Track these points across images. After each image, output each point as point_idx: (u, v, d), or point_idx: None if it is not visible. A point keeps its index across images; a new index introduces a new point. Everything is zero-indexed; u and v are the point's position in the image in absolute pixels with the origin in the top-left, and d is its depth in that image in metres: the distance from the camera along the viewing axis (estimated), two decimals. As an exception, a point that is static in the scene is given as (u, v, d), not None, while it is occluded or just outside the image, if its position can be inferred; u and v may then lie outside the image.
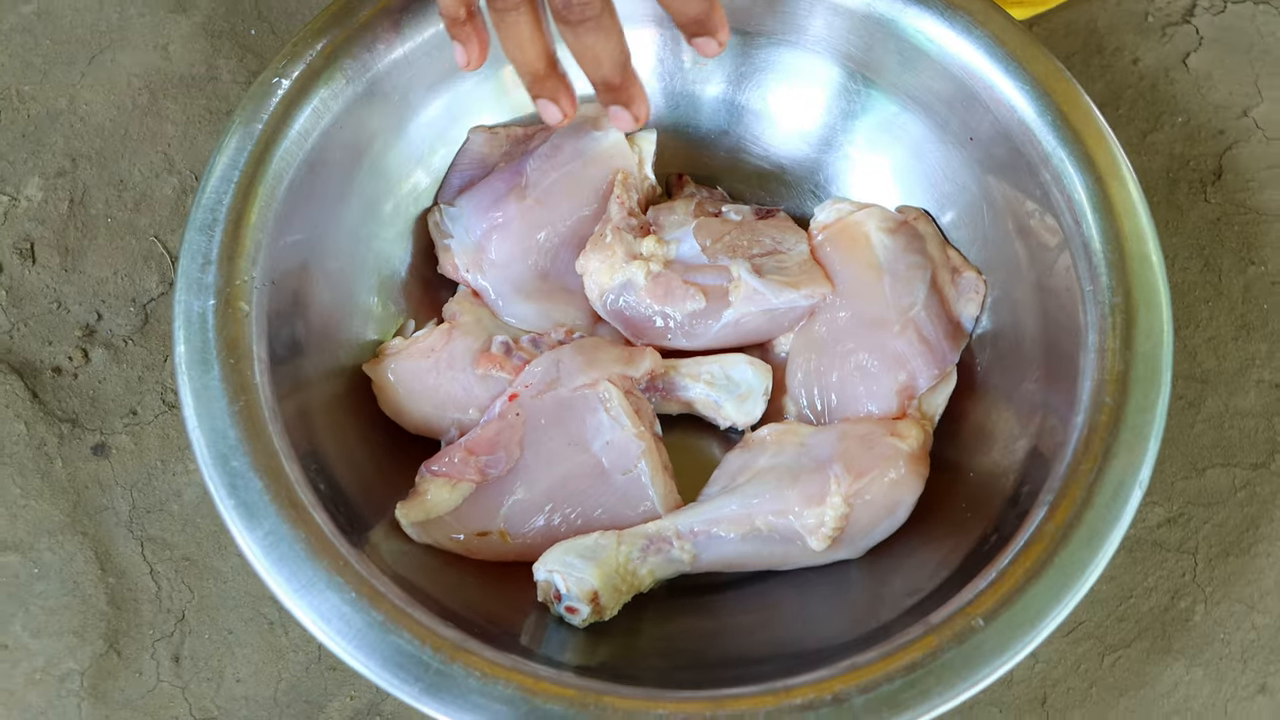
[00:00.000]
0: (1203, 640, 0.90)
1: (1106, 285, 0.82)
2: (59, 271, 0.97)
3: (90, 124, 1.01)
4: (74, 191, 0.99)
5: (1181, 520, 0.94)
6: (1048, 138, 0.86)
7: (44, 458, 0.92)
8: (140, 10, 1.04)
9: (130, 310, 0.96)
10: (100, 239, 0.98)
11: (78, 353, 0.95)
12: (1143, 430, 0.78)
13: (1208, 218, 1.02)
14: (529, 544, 0.86)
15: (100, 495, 0.92)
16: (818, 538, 0.83)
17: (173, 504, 0.92)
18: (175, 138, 1.01)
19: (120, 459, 0.93)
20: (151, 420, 0.93)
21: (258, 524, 0.74)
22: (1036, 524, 0.77)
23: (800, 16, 0.93)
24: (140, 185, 0.99)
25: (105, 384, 0.94)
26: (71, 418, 0.93)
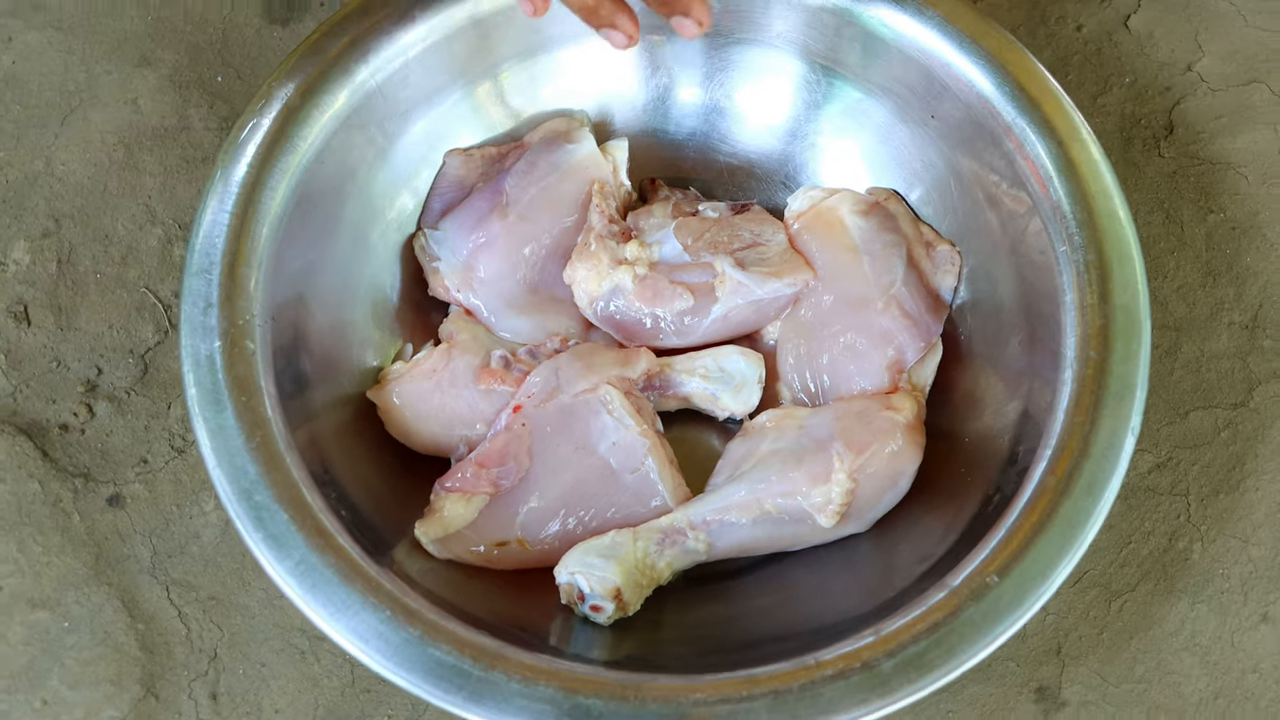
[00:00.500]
0: (1203, 577, 0.94)
1: (1079, 244, 0.85)
2: (55, 330, 0.98)
3: (69, 183, 1.02)
4: (61, 251, 1.00)
5: (1170, 464, 0.97)
6: (1007, 109, 0.89)
7: (61, 514, 0.93)
8: (106, 68, 1.06)
9: (129, 362, 0.98)
10: (92, 295, 0.99)
11: (82, 408, 0.96)
12: (1129, 379, 0.81)
13: (1164, 172, 1.05)
14: (547, 549, 0.88)
15: (121, 545, 0.93)
16: (826, 514, 0.86)
17: (192, 546, 0.93)
18: (155, 189, 1.02)
19: (136, 507, 0.94)
20: (162, 467, 0.95)
21: (287, 554, 0.76)
22: (1038, 479, 0.79)
23: (758, 14, 0.95)
24: (125, 239, 1.01)
25: (113, 436, 0.96)
26: (84, 472, 0.95)
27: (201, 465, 0.92)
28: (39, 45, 1.06)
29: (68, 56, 1.06)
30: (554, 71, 0.98)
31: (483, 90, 0.96)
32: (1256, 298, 1.01)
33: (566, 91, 0.99)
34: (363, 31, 0.89)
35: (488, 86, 0.97)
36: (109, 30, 1.07)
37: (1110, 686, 0.90)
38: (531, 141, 0.98)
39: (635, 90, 1.01)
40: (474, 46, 0.94)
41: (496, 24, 0.93)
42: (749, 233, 0.96)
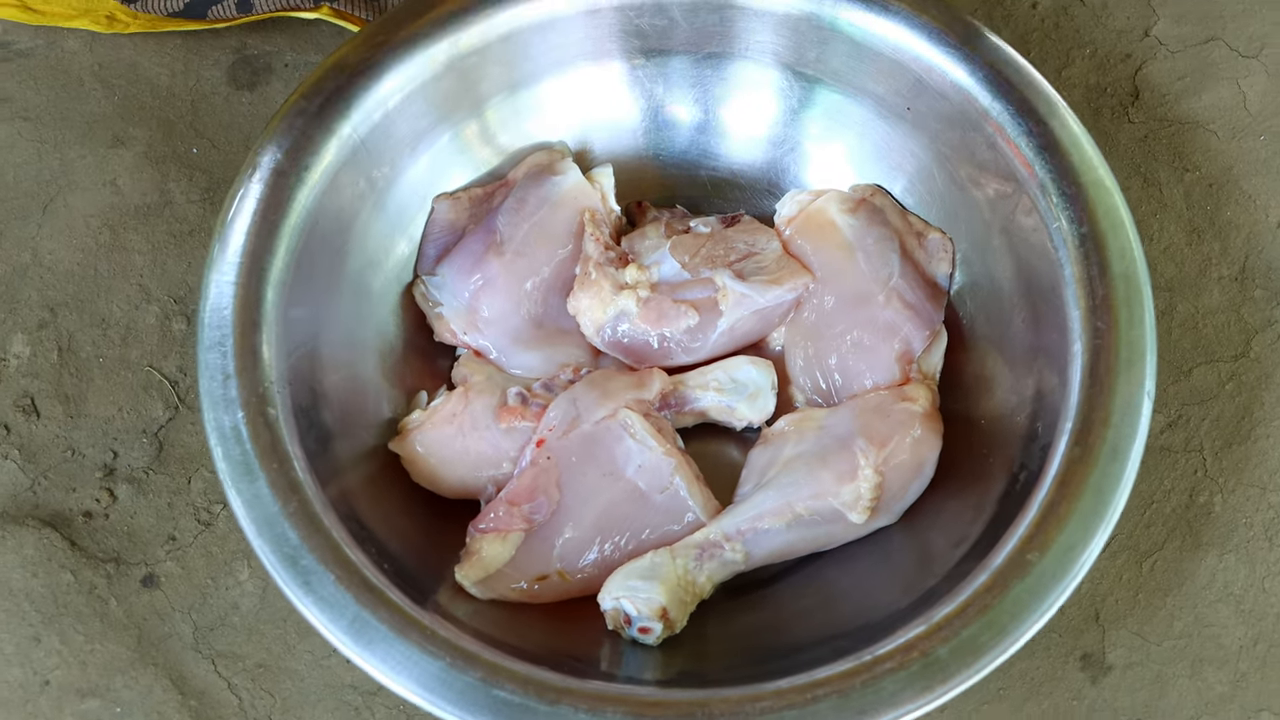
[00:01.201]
0: (1227, 528, 0.96)
1: (1071, 219, 0.86)
2: (65, 420, 0.98)
3: (59, 272, 1.02)
4: (60, 340, 1.00)
5: (1181, 422, 0.99)
6: (983, 94, 0.91)
7: (97, 600, 0.93)
8: (80, 152, 1.06)
9: (143, 441, 0.98)
10: (97, 380, 0.99)
11: (103, 494, 0.96)
12: (1138, 345, 0.83)
13: (1135, 137, 1.08)
14: (588, 578, 0.88)
15: (161, 624, 0.93)
16: (858, 511, 0.87)
17: (233, 616, 0.93)
18: (145, 267, 1.02)
19: (171, 585, 0.94)
20: (191, 542, 0.95)
21: (340, 614, 0.76)
22: (1062, 452, 0.81)
23: (727, 28, 0.96)
24: (123, 320, 1.01)
25: (137, 517, 0.96)
26: (114, 557, 0.94)
27: (231, 536, 0.94)
28: (8, 137, 1.06)
29: (40, 145, 1.05)
30: (536, 105, 0.99)
31: (469, 130, 0.97)
32: (1242, 249, 1.04)
33: (550, 123, 1.00)
34: (340, 87, 0.90)
35: (474, 126, 0.97)
36: (77, 115, 1.07)
37: (1152, 645, 0.92)
38: (516, 178, 0.98)
39: (616, 115, 1.02)
40: (454, 88, 0.94)
41: (474, 63, 0.94)
42: (743, 243, 0.97)
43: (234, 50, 1.10)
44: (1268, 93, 1.09)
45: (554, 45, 0.96)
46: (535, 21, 0.95)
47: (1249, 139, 1.07)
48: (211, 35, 1.10)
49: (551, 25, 0.95)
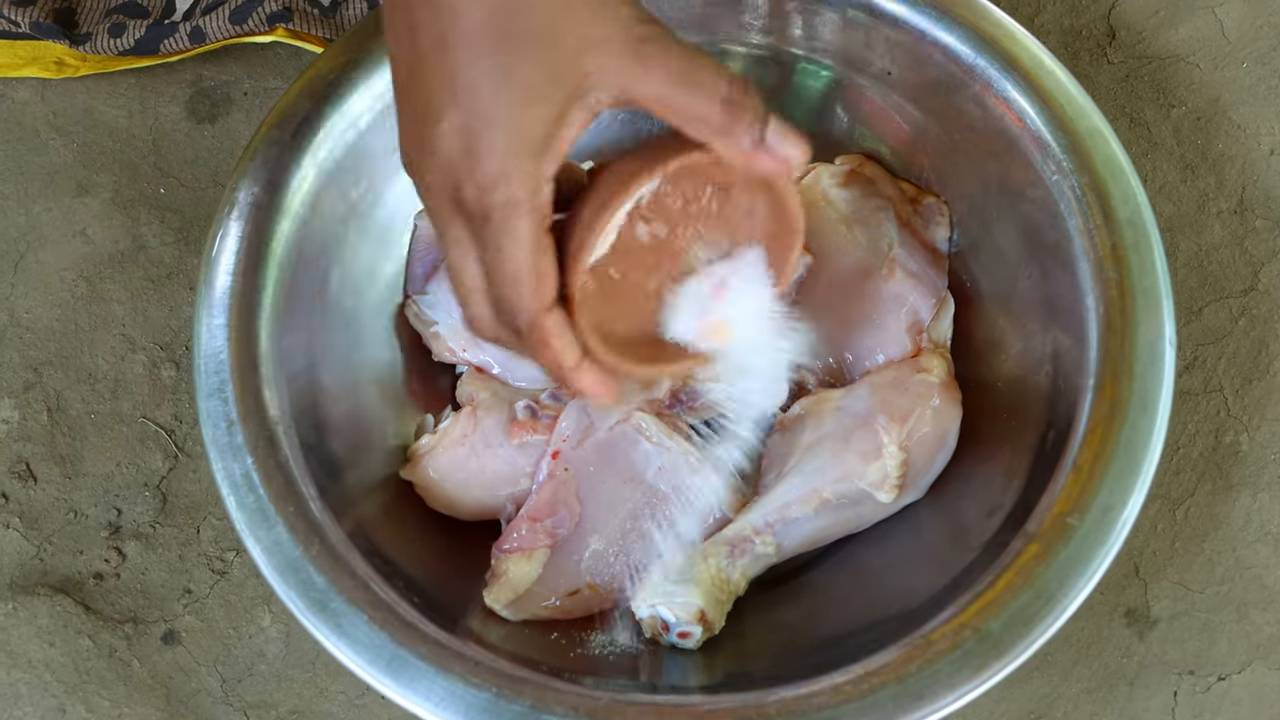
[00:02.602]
0: (1257, 467, 0.95)
1: (1070, 169, 0.85)
2: (63, 481, 0.96)
3: (38, 330, 0.99)
4: (48, 400, 0.97)
5: (1198, 364, 0.98)
6: (964, 51, 0.89)
7: (119, 663, 0.91)
8: (45, 205, 1.02)
9: (146, 495, 0.95)
10: (91, 437, 0.97)
11: (112, 553, 0.94)
12: (1153, 291, 0.82)
13: (1116, 77, 1.06)
14: (618, 588, 0.87)
15: (188, 681, 0.91)
16: (886, 489, 0.86)
17: (260, 665, 0.91)
18: (126, 316, 1.00)
19: (193, 639, 0.92)
20: (208, 593, 0.93)
21: (378, 655, 0.75)
22: (1089, 409, 0.80)
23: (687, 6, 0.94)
24: (110, 373, 0.98)
25: (149, 574, 0.93)
26: (130, 616, 0.92)
27: (248, 583, 0.92)
28: (-34, 197, 1.03)
29: (2, 202, 1.02)
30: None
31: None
32: (1238, 181, 1.02)
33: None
34: (310, 112, 0.87)
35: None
36: (37, 167, 1.04)
37: (1195, 594, 0.91)
38: (499, 184, 0.96)
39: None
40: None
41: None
42: (738, 229, 0.95)
43: (190, 84, 1.06)
44: (1245, 18, 1.07)
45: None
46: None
47: (1231, 68, 1.06)
48: (165, 70, 1.06)
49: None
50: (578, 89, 0.63)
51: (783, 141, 0.68)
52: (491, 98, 0.62)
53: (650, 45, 0.63)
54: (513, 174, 0.63)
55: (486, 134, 0.62)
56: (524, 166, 0.63)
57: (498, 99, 0.62)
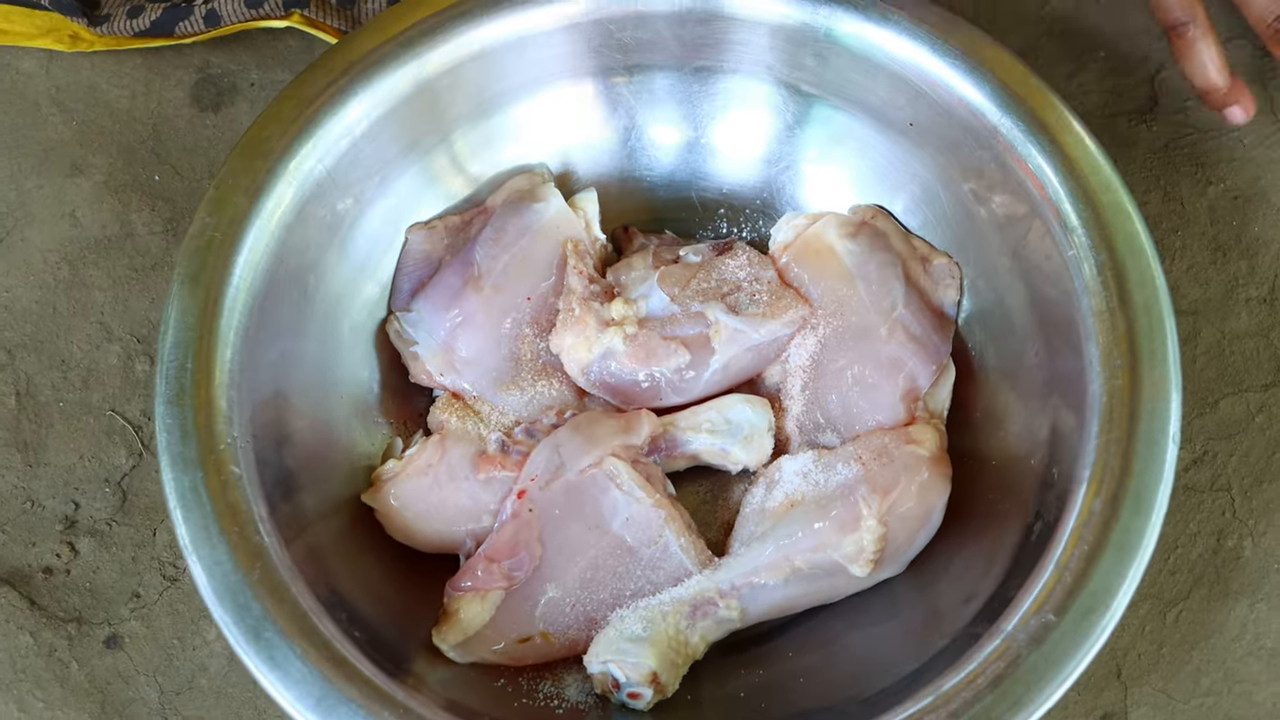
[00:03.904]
0: (1258, 575, 0.90)
1: (1087, 245, 0.80)
2: (23, 469, 0.93)
3: (16, 311, 0.97)
4: (18, 384, 0.95)
5: (1208, 459, 0.93)
6: (990, 109, 0.85)
7: (58, 664, 0.88)
8: (37, 182, 1.00)
9: (106, 491, 0.93)
10: (57, 426, 0.94)
11: (64, 548, 0.91)
12: (1162, 384, 0.77)
13: (1154, 146, 1.01)
14: (573, 639, 0.83)
15: (125, 688, 0.88)
16: (860, 564, 0.82)
17: (200, 679, 0.88)
18: (106, 304, 0.97)
19: (136, 646, 0.89)
20: (156, 599, 0.90)
21: (307, 692, 0.72)
22: (1080, 503, 0.76)
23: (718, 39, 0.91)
24: (83, 361, 0.96)
25: (100, 573, 0.91)
26: (75, 616, 0.90)
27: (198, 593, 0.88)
28: (-38, 166, 1.01)
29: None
30: (510, 129, 0.93)
31: (438, 159, 0.91)
32: (1271, 268, 0.97)
33: (526, 148, 0.94)
34: (303, 116, 0.84)
35: (443, 154, 0.92)
36: (33, 142, 1.01)
37: (1178, 704, 0.86)
38: (495, 205, 0.93)
39: (598, 136, 0.96)
40: (423, 114, 0.89)
41: (444, 86, 0.88)
42: (736, 273, 0.91)
43: (197, 69, 1.04)
44: (1298, 97, 1.02)
45: (530, 63, 0.91)
46: (509, 38, 0.89)
47: (1277, 148, 1.01)
48: (174, 54, 1.04)
49: (526, 42, 0.89)
50: None
51: None
52: None
53: None
54: None
55: None
56: None
57: None
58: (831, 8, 0.87)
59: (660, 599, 0.83)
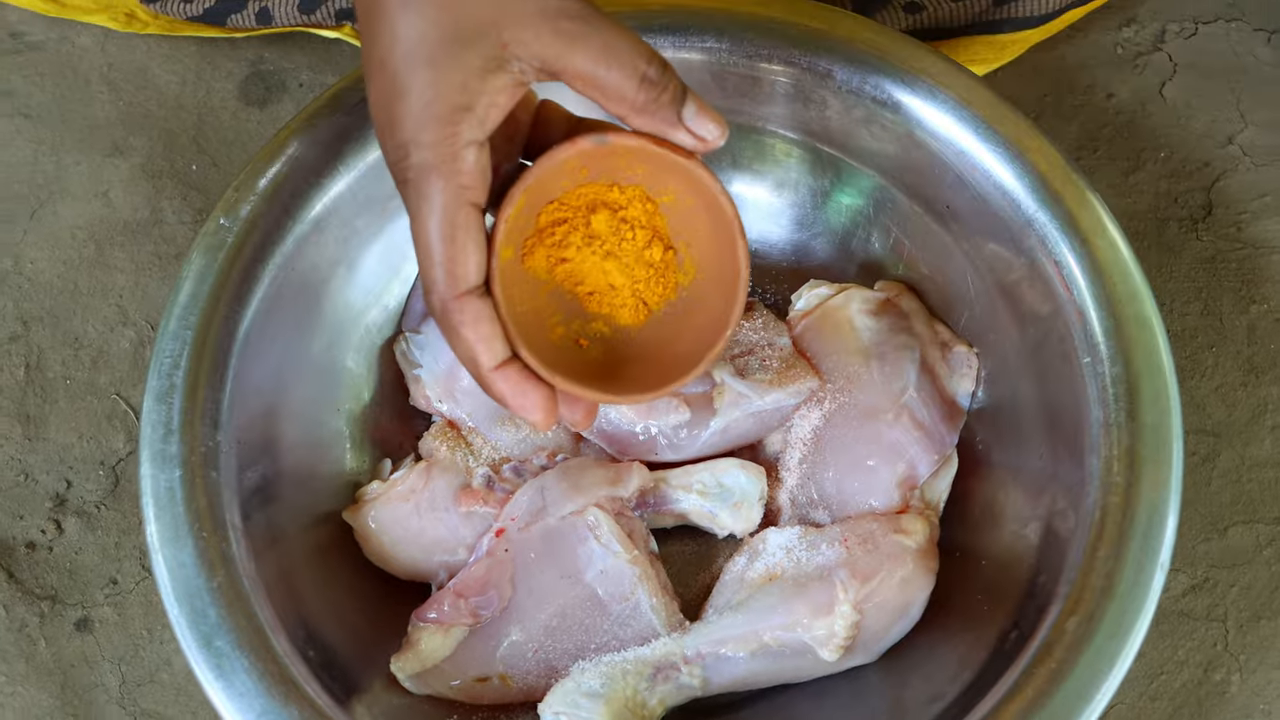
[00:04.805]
0: (1242, 714, 0.87)
1: (1105, 355, 0.78)
2: (22, 441, 0.94)
3: (38, 283, 0.97)
4: (29, 356, 0.95)
5: (1207, 586, 0.90)
6: (1027, 202, 0.82)
7: (26, 640, 0.89)
8: (76, 158, 1.01)
9: (99, 474, 0.93)
10: (61, 403, 0.95)
11: (50, 525, 0.91)
12: (1159, 508, 0.74)
13: (1202, 256, 0.98)
14: (531, 685, 0.82)
15: (88, 673, 0.88)
16: (829, 649, 0.80)
17: (163, 673, 0.88)
18: (126, 288, 0.97)
19: (105, 632, 0.89)
20: (133, 588, 0.90)
21: (248, 706, 0.72)
22: (1054, 620, 0.74)
23: (756, 95, 0.89)
24: (96, 342, 0.96)
25: (82, 554, 0.91)
26: (51, 594, 0.90)
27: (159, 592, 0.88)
28: (7, 134, 1.02)
29: (37, 146, 1.01)
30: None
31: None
32: (1303, 399, 0.94)
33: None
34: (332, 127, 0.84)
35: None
36: (79, 117, 1.02)
37: (1140, 836, 0.84)
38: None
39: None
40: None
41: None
42: (750, 336, 0.89)
43: (249, 64, 1.04)
44: (1355, 225, 0.99)
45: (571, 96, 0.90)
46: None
47: (1330, 275, 0.97)
48: (228, 45, 1.04)
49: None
50: (495, 59, 0.63)
51: (700, 119, 0.67)
52: (402, 66, 0.64)
53: (571, 22, 0.64)
54: (423, 138, 0.63)
55: (400, 102, 0.64)
56: (435, 130, 0.63)
57: (406, 67, 0.63)
58: (879, 78, 0.85)
59: (624, 656, 0.81)
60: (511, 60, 0.63)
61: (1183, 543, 0.90)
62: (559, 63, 0.64)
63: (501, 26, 0.63)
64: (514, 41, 0.63)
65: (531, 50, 0.63)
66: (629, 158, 0.69)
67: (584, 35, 0.63)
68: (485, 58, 0.63)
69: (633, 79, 0.64)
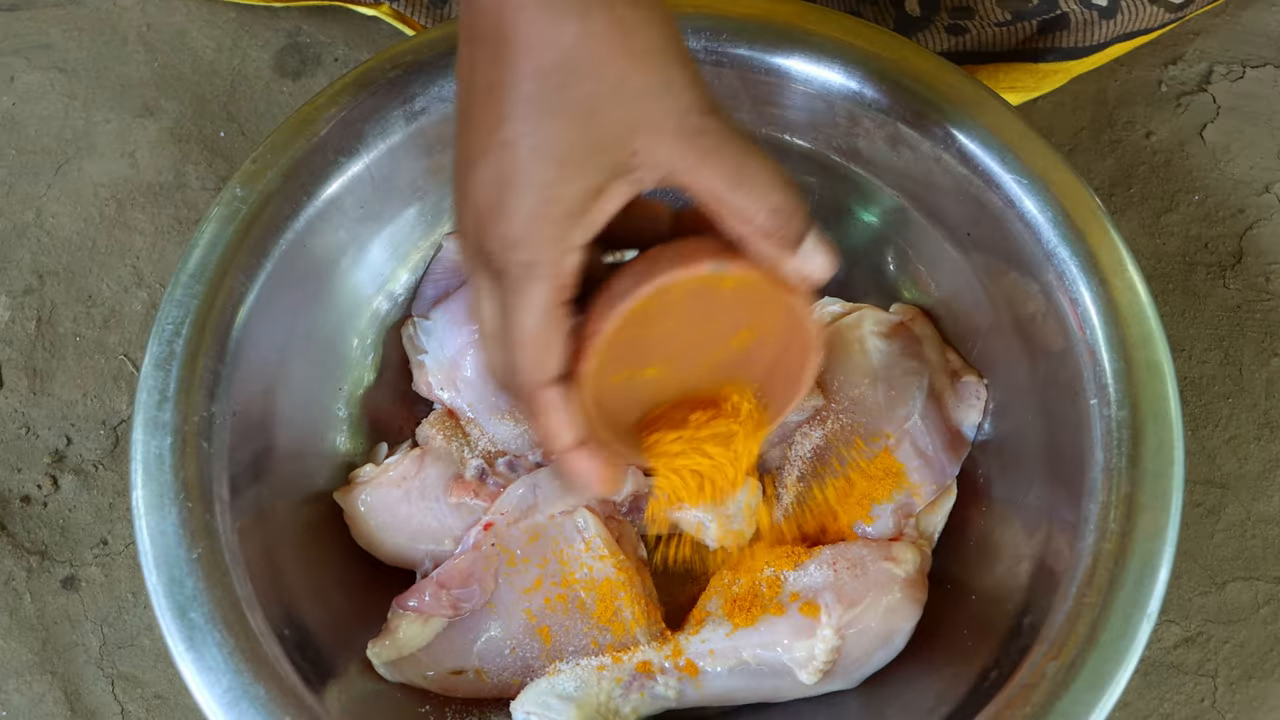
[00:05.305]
0: (1224, 773, 0.85)
1: (1113, 398, 0.76)
2: (27, 394, 0.94)
3: (57, 238, 0.98)
4: (41, 310, 0.96)
5: (1200, 640, 0.88)
6: (1049, 235, 0.81)
7: (12, 593, 0.89)
8: (106, 116, 1.01)
9: (100, 433, 0.93)
10: (69, 359, 0.95)
11: (47, 480, 0.92)
12: (1151, 559, 0.73)
13: (1227, 305, 0.96)
14: (505, 682, 0.82)
15: (70, 631, 0.88)
16: (808, 671, 0.79)
17: (144, 638, 0.88)
18: (144, 250, 0.97)
19: (90, 592, 0.89)
20: (122, 550, 0.90)
21: (216, 680, 0.71)
22: (1035, 663, 0.72)
23: (783, 108, 0.88)
24: (109, 301, 0.96)
25: (75, 512, 0.91)
26: (41, 549, 0.90)
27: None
28: (41, 87, 1.02)
29: (69, 101, 1.01)
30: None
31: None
32: (1317, 459, 0.92)
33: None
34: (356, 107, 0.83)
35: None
36: (113, 75, 1.02)
37: None
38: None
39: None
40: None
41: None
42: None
43: (287, 34, 1.04)
44: (1388, 285, 0.97)
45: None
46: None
47: (1357, 334, 0.95)
48: (267, 14, 1.04)
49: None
50: (622, 166, 0.61)
51: (815, 253, 0.66)
52: (528, 159, 0.60)
53: (707, 138, 0.62)
54: (534, 238, 0.61)
55: (515, 194, 0.61)
56: (548, 232, 0.61)
57: (534, 161, 0.60)
58: (910, 99, 0.84)
59: (600, 661, 0.80)
60: (636, 169, 0.61)
61: (1179, 594, 0.88)
62: (687, 176, 0.62)
63: (636, 134, 0.61)
64: (645, 150, 0.61)
65: (660, 161, 0.62)
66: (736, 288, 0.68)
67: (716, 151, 0.62)
68: (614, 164, 0.61)
69: (763, 206, 0.63)
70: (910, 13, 0.98)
